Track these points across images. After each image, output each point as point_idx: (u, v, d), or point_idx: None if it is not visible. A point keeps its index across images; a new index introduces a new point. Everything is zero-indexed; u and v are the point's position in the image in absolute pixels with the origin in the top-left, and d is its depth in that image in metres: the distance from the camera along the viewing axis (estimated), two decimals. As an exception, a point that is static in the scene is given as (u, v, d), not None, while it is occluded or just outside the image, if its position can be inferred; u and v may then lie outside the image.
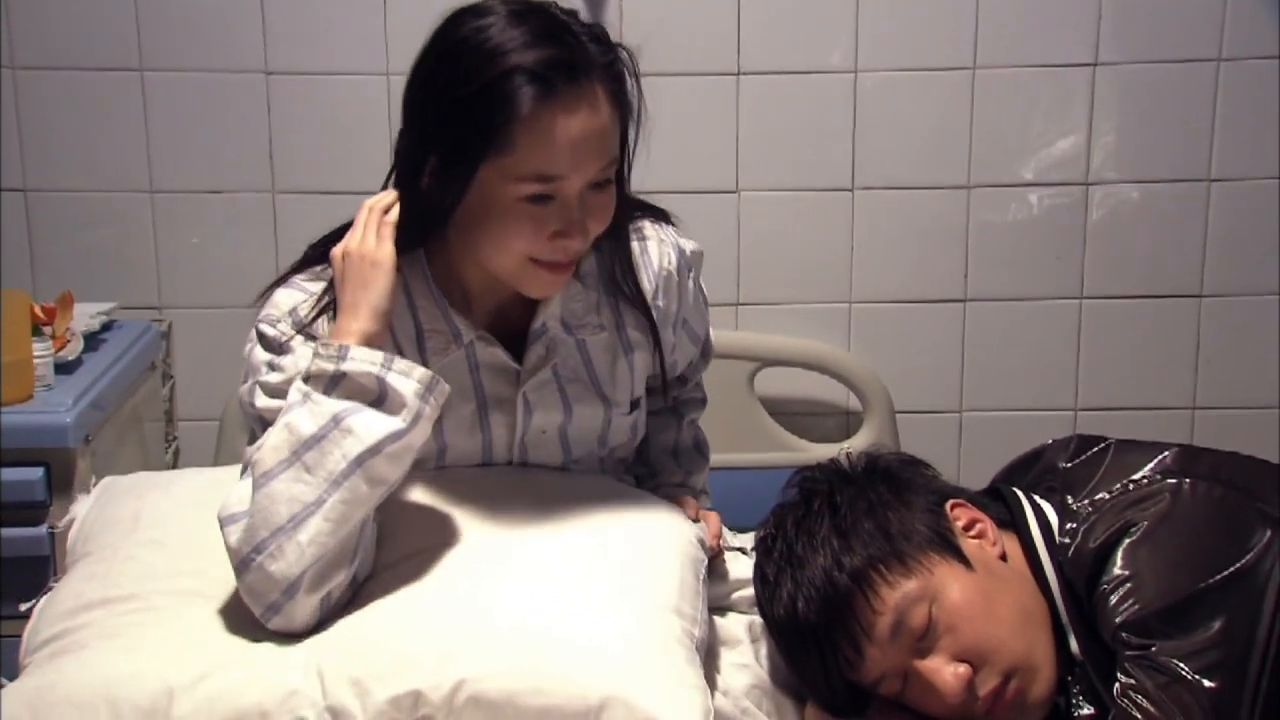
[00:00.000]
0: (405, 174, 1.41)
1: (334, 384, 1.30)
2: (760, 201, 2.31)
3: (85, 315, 2.02)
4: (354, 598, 1.34)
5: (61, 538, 1.48)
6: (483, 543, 1.38)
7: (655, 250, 1.54)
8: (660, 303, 1.53)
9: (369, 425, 1.29)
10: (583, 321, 1.50)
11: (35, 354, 1.82)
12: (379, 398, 1.31)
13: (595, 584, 1.33)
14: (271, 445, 1.30)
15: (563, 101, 1.32)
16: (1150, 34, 2.25)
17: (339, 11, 2.20)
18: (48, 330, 1.89)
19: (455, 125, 1.34)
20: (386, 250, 1.36)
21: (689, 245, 1.59)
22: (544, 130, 1.31)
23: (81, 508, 1.49)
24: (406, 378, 1.31)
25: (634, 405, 1.57)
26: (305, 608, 1.29)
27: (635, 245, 1.53)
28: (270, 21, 2.21)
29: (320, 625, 1.31)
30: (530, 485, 1.48)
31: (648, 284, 1.52)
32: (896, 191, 2.31)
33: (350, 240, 1.38)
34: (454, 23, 1.36)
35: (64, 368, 1.90)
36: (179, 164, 2.26)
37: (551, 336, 1.49)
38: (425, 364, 1.42)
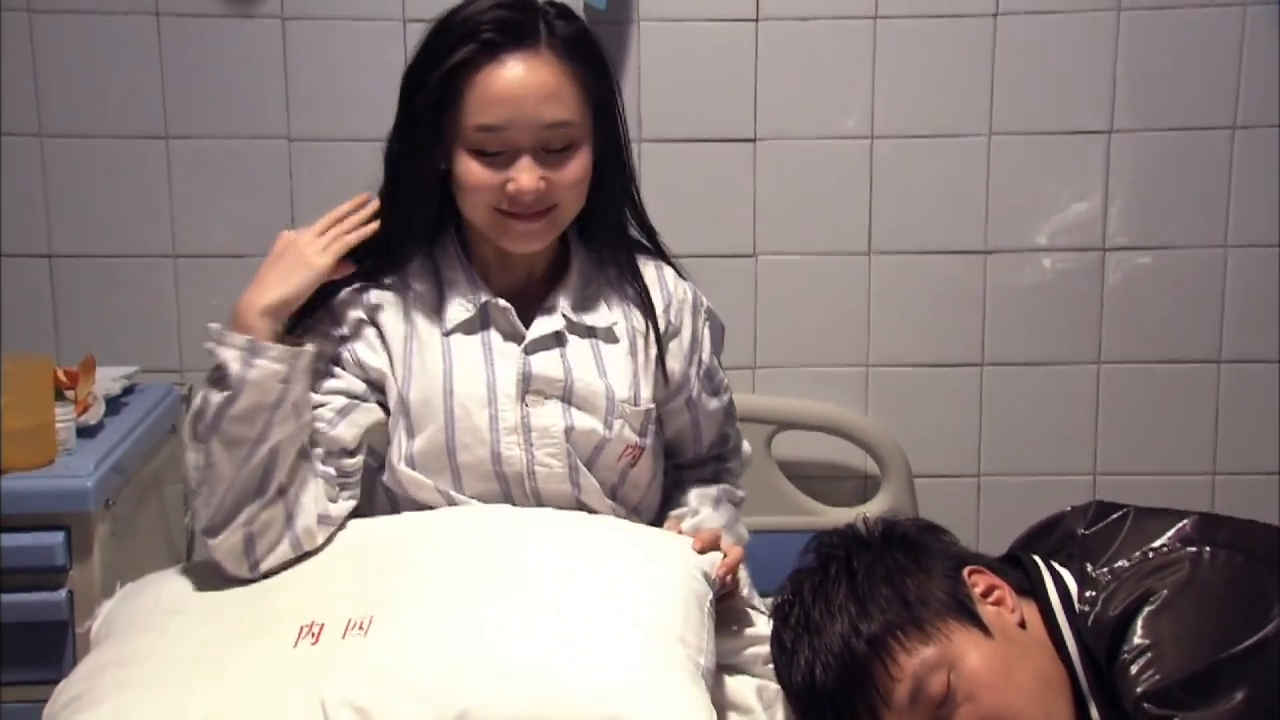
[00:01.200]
0: (402, 166, 1.57)
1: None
2: (777, 266, 2.33)
3: (107, 379, 2.03)
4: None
5: (84, 638, 1.51)
6: (486, 573, 1.41)
7: (672, 277, 1.69)
8: (672, 318, 1.66)
9: (210, 397, 1.46)
10: (595, 310, 1.62)
11: (57, 418, 1.83)
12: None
13: (598, 613, 1.35)
14: (187, 422, 1.49)
15: (502, 57, 1.49)
16: (1165, 101, 2.27)
17: (360, 79, 2.24)
18: (70, 394, 1.91)
19: (423, 92, 1.51)
20: (325, 260, 1.52)
21: (707, 301, 1.71)
22: (482, 82, 1.49)
23: (104, 607, 1.52)
24: (228, 347, 1.45)
25: (637, 400, 1.60)
26: (223, 551, 1.48)
27: (653, 268, 1.67)
28: (293, 89, 2.25)
29: (270, 573, 1.47)
30: (537, 520, 1.51)
31: (659, 298, 1.65)
32: (913, 256, 2.32)
33: (305, 233, 1.54)
34: (437, 20, 1.55)
35: (86, 431, 1.91)
36: (202, 229, 2.28)
37: (560, 314, 1.59)
38: (443, 324, 1.57)
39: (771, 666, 1.47)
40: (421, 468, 1.56)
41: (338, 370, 1.57)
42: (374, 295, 1.59)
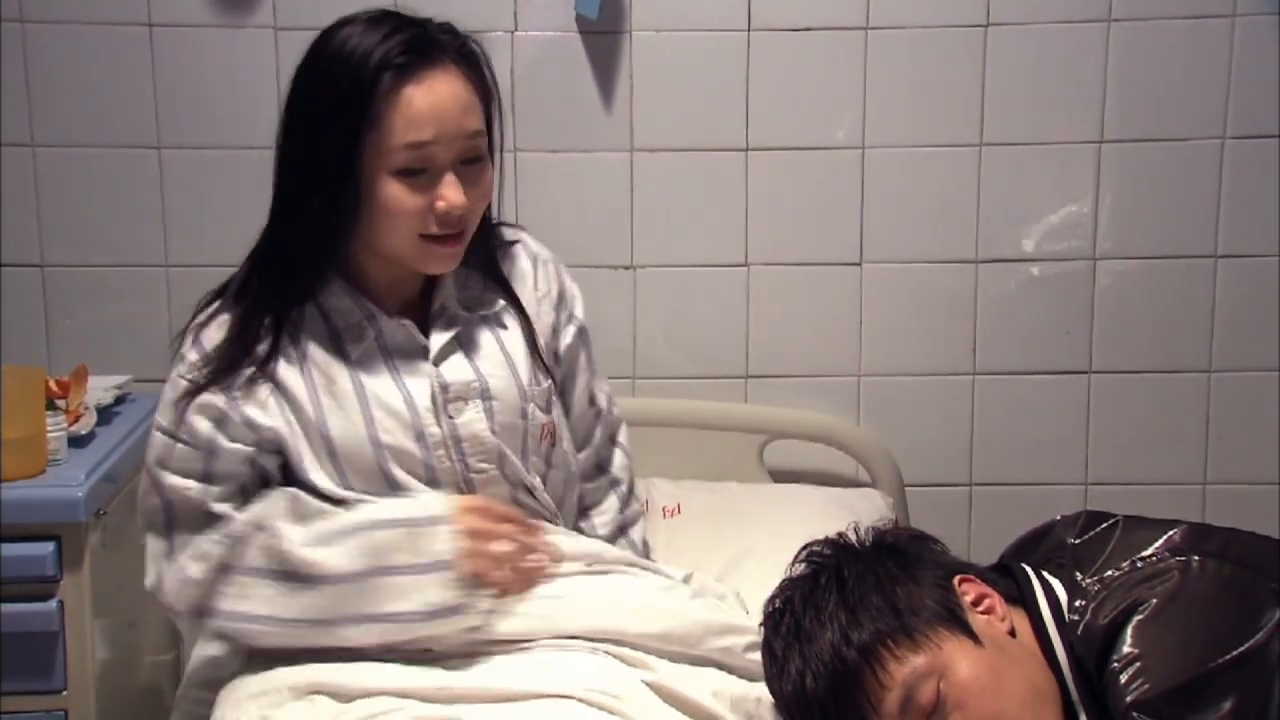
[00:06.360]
0: (293, 196, 1.56)
1: None
2: (769, 275, 2.33)
3: (99, 388, 2.04)
4: None
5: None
6: None
7: (534, 241, 1.76)
8: (540, 277, 1.72)
9: None
10: (480, 300, 1.66)
11: (49, 429, 1.83)
12: None
13: None
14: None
15: (418, 76, 1.51)
16: (1155, 112, 2.27)
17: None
18: (62, 404, 1.91)
19: (333, 122, 1.50)
20: None
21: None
22: (404, 102, 1.50)
23: None
24: None
25: (539, 378, 1.66)
26: None
27: (510, 235, 1.74)
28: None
29: None
30: None
31: (526, 260, 1.72)
32: (904, 265, 2.33)
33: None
34: (321, 41, 1.56)
35: (77, 441, 1.91)
36: (194, 239, 2.28)
37: (451, 314, 1.63)
38: (345, 356, 1.57)
39: (752, 656, 1.50)
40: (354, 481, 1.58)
41: (222, 447, 1.54)
42: (262, 348, 1.57)
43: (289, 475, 1.57)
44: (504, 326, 1.66)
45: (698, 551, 1.90)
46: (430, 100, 1.51)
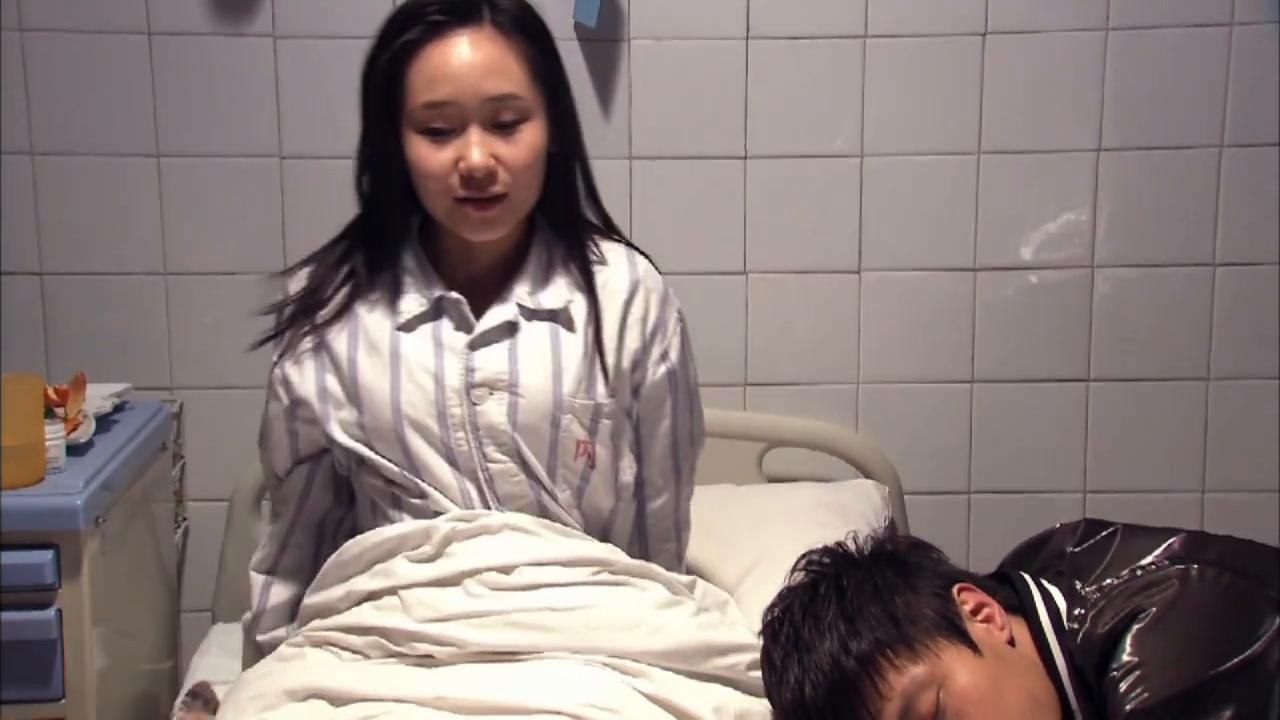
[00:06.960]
0: (369, 162, 1.63)
1: None
2: (768, 283, 2.33)
3: (97, 396, 2.03)
4: None
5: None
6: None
7: (644, 265, 1.69)
8: (635, 302, 1.66)
9: None
10: (554, 293, 1.63)
11: (47, 437, 1.83)
12: None
13: None
14: None
15: (443, 36, 1.54)
16: (1152, 119, 2.28)
17: (352, 97, 2.21)
18: (60, 412, 1.90)
19: (374, 79, 1.58)
20: None
21: (679, 304, 1.73)
22: (425, 61, 1.54)
23: None
24: None
25: (590, 392, 1.61)
26: None
27: (623, 252, 1.69)
28: (285, 107, 2.25)
29: None
30: None
31: (624, 280, 1.66)
32: (903, 273, 2.33)
33: None
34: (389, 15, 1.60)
35: (75, 449, 1.91)
36: (193, 246, 2.28)
37: (514, 301, 1.61)
38: (396, 319, 1.61)
39: (754, 674, 1.49)
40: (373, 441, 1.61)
41: (275, 434, 1.68)
42: (330, 305, 1.64)
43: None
44: (570, 330, 1.62)
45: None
46: (449, 60, 1.53)
